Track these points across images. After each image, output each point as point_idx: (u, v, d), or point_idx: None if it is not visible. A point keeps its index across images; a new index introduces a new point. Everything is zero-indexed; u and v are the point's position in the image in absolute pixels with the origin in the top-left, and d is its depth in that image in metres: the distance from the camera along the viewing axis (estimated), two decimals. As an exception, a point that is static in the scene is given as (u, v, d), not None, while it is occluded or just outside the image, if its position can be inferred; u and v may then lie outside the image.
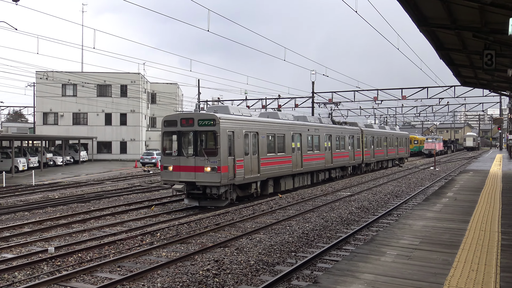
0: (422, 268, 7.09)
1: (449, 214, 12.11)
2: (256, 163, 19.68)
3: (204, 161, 17.36)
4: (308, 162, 25.00)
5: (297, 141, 23.93)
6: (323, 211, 17.09)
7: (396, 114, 68.73)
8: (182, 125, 18.13)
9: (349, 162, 32.13)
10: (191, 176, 17.65)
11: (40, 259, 10.32)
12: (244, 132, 18.88)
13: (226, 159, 17.47)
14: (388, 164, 43.14)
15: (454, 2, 9.92)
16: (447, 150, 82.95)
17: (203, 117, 17.74)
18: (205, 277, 8.98)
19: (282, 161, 21.99)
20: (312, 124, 26.68)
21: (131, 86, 55.91)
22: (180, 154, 18.03)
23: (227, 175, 17.43)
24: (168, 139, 18.86)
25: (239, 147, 18.30)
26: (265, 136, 20.59)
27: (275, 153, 21.44)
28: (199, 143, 17.79)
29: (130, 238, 12.58)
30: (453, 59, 17.38)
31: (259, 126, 20.24)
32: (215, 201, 18.10)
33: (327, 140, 28.25)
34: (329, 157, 28.33)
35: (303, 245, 11.78)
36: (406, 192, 23.24)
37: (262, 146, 20.22)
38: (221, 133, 17.33)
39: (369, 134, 36.81)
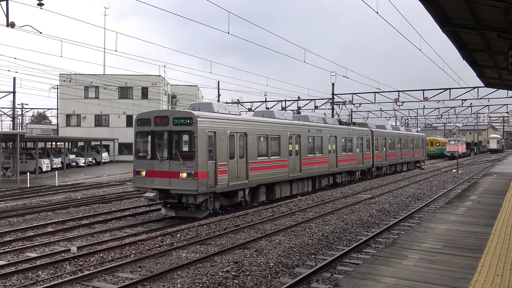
0: (445, 273, 6.96)
1: (473, 218, 11.89)
2: (243, 168, 17.51)
3: (179, 165, 15.25)
4: (308, 167, 22.70)
5: (295, 143, 21.67)
6: (343, 213, 16.95)
7: (418, 116, 67.79)
8: (156, 124, 16.01)
9: (357, 166, 29.69)
10: (165, 182, 15.52)
11: (62, 259, 10.48)
12: (229, 132, 16.70)
13: (206, 163, 15.37)
14: (403, 167, 40.67)
15: (478, 2, 9.74)
16: (470, 152, 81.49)
17: (178, 115, 15.62)
18: (225, 279, 8.99)
19: (276, 165, 19.83)
20: (314, 124, 24.32)
21: (152, 88, 56.51)
22: (153, 158, 15.90)
23: (206, 181, 15.29)
24: (142, 140, 16.79)
25: (222, 150, 16.19)
26: (255, 137, 18.42)
27: (268, 156, 19.29)
28: (174, 145, 15.62)
29: (150, 239, 12.69)
30: (476, 60, 17.07)
31: (247, 126, 18.03)
32: (194, 211, 15.96)
33: (332, 142, 25.94)
34: (334, 161, 25.96)
35: (323, 248, 11.70)
36: (428, 195, 22.90)
37: (252, 148, 18.06)
38: (199, 133, 15.20)
39: (380, 135, 34.32)
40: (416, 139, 43.69)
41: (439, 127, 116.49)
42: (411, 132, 44.34)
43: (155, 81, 56.61)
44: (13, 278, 9.20)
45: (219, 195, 16.63)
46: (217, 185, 15.92)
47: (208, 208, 15.98)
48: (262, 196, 19.27)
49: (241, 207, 18.36)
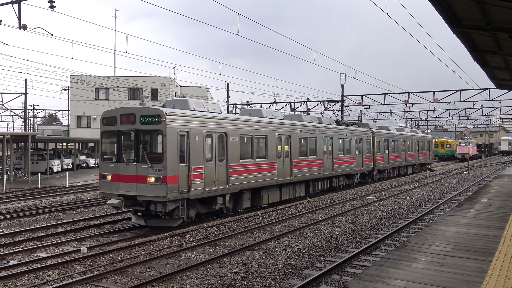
0: (455, 276, 6.91)
1: (484, 221, 11.78)
2: (223, 172, 15.99)
3: (147, 169, 13.79)
4: (299, 170, 21.08)
5: (284, 144, 20.12)
6: (352, 215, 16.89)
7: (428, 118, 67.34)
8: (122, 123, 14.52)
9: (356, 169, 27.77)
10: (131, 188, 14.03)
11: (73, 259, 10.57)
12: (206, 132, 15.21)
13: (176, 166, 13.87)
14: (408, 170, 38.78)
15: (489, 2, 9.67)
16: (481, 154, 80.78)
17: (145, 113, 14.12)
18: (234, 280, 9.00)
19: (263, 168, 18.27)
20: (306, 124, 22.55)
21: (162, 90, 56.80)
22: (119, 160, 14.44)
23: (176, 187, 13.80)
24: (108, 141, 15.35)
25: (197, 152, 14.69)
26: (238, 138, 16.86)
27: (252, 159, 17.76)
28: (142, 146, 14.18)
29: (159, 240, 12.74)
30: (487, 61, 16.93)
31: (228, 125, 16.48)
32: (165, 220, 14.54)
33: (327, 143, 24.22)
34: (329, 163, 24.21)
35: (332, 250, 11.67)
36: (438, 197, 22.73)
37: (233, 150, 16.54)
38: (169, 133, 13.74)
39: (382, 136, 32.37)
40: (422, 140, 42.02)
41: (449, 128, 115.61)
42: (416, 133, 42.79)
43: (164, 82, 56.89)
44: (24, 278, 9.29)
45: (195, 201, 15.16)
46: (191, 190, 14.36)
47: (180, 216, 14.42)
48: (246, 202, 17.71)
49: (222, 214, 16.93)
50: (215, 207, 16.03)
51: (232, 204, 17.10)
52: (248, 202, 17.84)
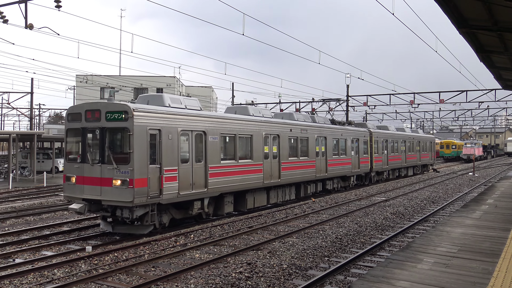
0: (460, 277, 6.88)
1: (489, 222, 11.72)
2: (201, 174, 14.77)
3: (112, 171, 12.64)
4: (289, 172, 19.79)
5: (272, 145, 18.82)
6: (357, 216, 16.85)
7: (433, 118, 67.11)
8: (87, 120, 13.36)
9: (352, 171, 26.41)
10: (96, 191, 12.89)
11: (78, 258, 10.61)
12: (181, 131, 14.03)
13: (145, 168, 12.73)
14: (408, 172, 37.55)
15: (495, 3, 9.62)
16: (487, 155, 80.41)
17: (111, 109, 12.94)
18: (238, 280, 9.01)
19: (247, 170, 17.07)
20: (297, 123, 21.22)
21: (167, 89, 56.89)
22: (84, 161, 13.30)
23: (145, 190, 12.64)
24: (73, 140, 14.09)
25: (170, 152, 13.55)
26: (218, 137, 15.62)
27: (235, 160, 16.55)
28: (107, 145, 13.01)
29: (164, 239, 12.76)
30: (494, 62, 16.84)
31: (207, 124, 15.20)
32: (134, 226, 13.41)
33: (320, 143, 22.85)
34: (322, 165, 22.87)
35: (336, 250, 11.65)
36: (444, 198, 22.64)
37: (213, 150, 15.32)
38: (137, 131, 12.56)
39: (381, 136, 31.02)
40: (423, 141, 40.80)
41: (455, 129, 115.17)
42: (418, 134, 41.62)
43: (170, 82, 57.01)
44: (29, 276, 9.33)
45: (169, 206, 14.02)
46: (163, 195, 13.20)
47: (151, 223, 13.22)
48: (228, 206, 16.51)
49: (202, 219, 15.78)
50: (191, 212, 14.74)
51: (213, 209, 15.94)
52: (230, 207, 16.65)
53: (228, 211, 16.64)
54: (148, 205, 12.94)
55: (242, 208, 17.43)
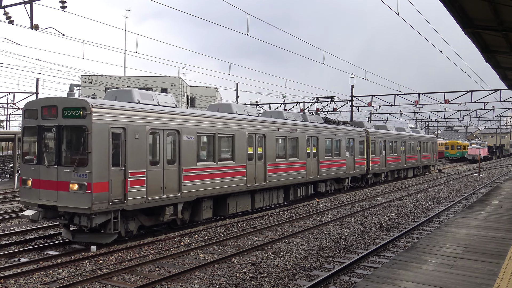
0: (465, 278, 6.86)
1: (495, 223, 11.67)
2: (174, 177, 13.61)
3: (69, 173, 11.50)
4: (276, 174, 18.60)
5: (257, 145, 17.60)
6: (362, 216, 16.82)
7: (438, 119, 66.89)
8: (44, 117, 12.19)
9: (346, 173, 25.15)
10: (52, 196, 11.74)
11: (83, 257, 10.64)
12: (150, 129, 12.88)
13: (106, 171, 11.57)
14: (408, 173, 36.29)
15: (501, 3, 9.58)
16: (492, 156, 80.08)
17: (68, 104, 11.75)
18: (242, 280, 9.01)
19: (228, 172, 15.92)
20: (285, 122, 20.00)
21: (171, 90, 57.02)
22: (40, 162, 12.13)
23: (106, 196, 11.49)
24: (29, 139, 12.96)
25: (137, 153, 12.40)
26: (194, 136, 14.45)
27: (214, 161, 15.37)
28: (65, 145, 11.93)
29: (168, 239, 12.78)
30: (499, 62, 16.78)
31: (182, 122, 14.07)
32: (96, 235, 12.21)
33: (311, 143, 21.66)
34: (314, 167, 21.66)
35: (340, 251, 11.63)
36: (448, 199, 22.56)
37: (188, 151, 14.14)
38: (96, 129, 11.38)
39: (378, 136, 29.73)
40: (424, 141, 39.51)
41: (460, 130, 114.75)
42: (419, 134, 40.44)
43: (174, 82, 57.13)
44: (34, 276, 9.37)
45: (137, 212, 12.89)
46: (127, 200, 12.03)
47: (113, 232, 12.02)
48: (206, 212, 15.37)
49: (176, 226, 14.61)
50: (163, 219, 13.59)
51: (189, 214, 14.86)
52: (209, 212, 15.52)
53: (207, 217, 15.52)
54: (110, 211, 11.75)
55: (223, 213, 16.28)
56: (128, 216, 12.66)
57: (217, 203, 16.03)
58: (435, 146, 42.93)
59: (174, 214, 13.89)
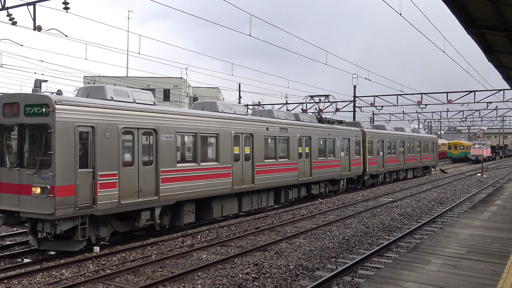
0: (469, 278, 6.84)
1: (498, 223, 11.64)
2: (150, 179, 12.78)
3: (31, 176, 10.68)
4: (265, 176, 17.76)
5: (244, 145, 16.78)
6: (364, 217, 16.80)
7: (441, 119, 66.78)
8: (5, 115, 11.36)
9: (341, 174, 24.27)
10: (14, 201, 10.93)
11: (86, 258, 10.66)
12: (123, 128, 12.05)
13: (73, 173, 10.75)
14: (407, 174, 35.40)
15: (504, 2, 9.56)
16: (495, 156, 79.89)
17: (30, 101, 10.91)
18: (245, 280, 9.01)
19: (211, 174, 15.06)
20: (276, 121, 19.10)
21: (174, 90, 57.12)
22: (1, 164, 11.36)
23: (72, 200, 10.67)
24: None
25: (107, 154, 11.60)
26: (174, 136, 13.63)
27: (196, 162, 14.52)
28: (27, 145, 11.16)
29: (171, 240, 12.80)
30: (502, 62, 16.74)
31: (159, 121, 13.25)
32: (63, 242, 11.39)
33: (304, 143, 20.79)
34: (306, 168, 20.83)
35: (343, 251, 11.62)
36: (451, 199, 22.52)
37: (166, 151, 13.36)
38: (60, 128, 10.54)
39: (375, 137, 28.79)
40: (424, 141, 38.59)
41: (463, 130, 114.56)
42: (419, 134, 39.54)
43: (177, 83, 57.21)
44: (37, 276, 9.39)
45: (109, 218, 12.10)
46: (97, 204, 11.24)
47: (81, 239, 11.19)
48: (188, 216, 14.50)
49: (155, 232, 13.81)
50: (138, 225, 12.72)
51: (169, 219, 14.08)
52: (191, 216, 14.63)
53: (188, 222, 14.64)
54: (76, 217, 10.92)
55: (207, 217, 15.52)
56: (99, 222, 11.86)
57: (201, 206, 15.28)
58: (435, 146, 42.16)
59: (152, 219, 13.08)
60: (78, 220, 10.99)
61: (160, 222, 13.49)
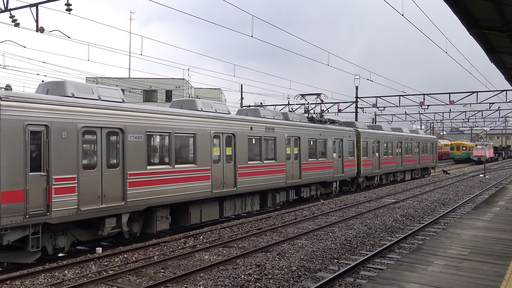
0: (471, 280, 6.83)
1: (501, 224, 11.62)
2: (116, 183, 11.81)
3: None
4: (248, 178, 16.69)
5: (225, 146, 15.77)
6: (367, 218, 16.78)
7: (444, 120, 66.69)
8: None
9: (334, 176, 23.23)
10: None
11: (88, 259, 10.68)
12: (82, 127, 11.13)
13: (22, 177, 9.87)
14: (405, 176, 34.39)
15: (506, 3, 9.54)
16: (498, 157, 79.75)
17: None
18: (247, 282, 9.01)
19: (188, 177, 14.07)
20: (261, 120, 18.01)
21: (176, 92, 57.18)
22: None
23: (21, 207, 9.80)
24: None
25: (64, 155, 10.67)
26: (144, 136, 12.65)
27: (170, 164, 13.53)
28: None
29: (173, 241, 12.81)
30: (505, 63, 16.72)
31: (127, 119, 12.26)
32: (15, 254, 10.43)
33: (292, 144, 19.78)
34: (295, 170, 19.80)
35: (345, 252, 11.61)
36: (454, 200, 22.47)
37: (135, 153, 12.35)
38: (5, 127, 9.68)
39: (370, 137, 27.78)
40: (423, 142, 37.50)
41: (465, 131, 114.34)
42: (417, 134, 38.31)
43: (179, 84, 57.29)
44: (40, 277, 9.41)
45: (69, 226, 11.23)
46: (52, 212, 10.32)
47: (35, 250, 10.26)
48: (162, 223, 13.48)
49: (124, 240, 12.78)
50: (102, 233, 11.69)
51: (140, 226, 13.10)
52: (165, 223, 13.62)
53: (162, 229, 13.64)
54: (27, 226, 10.00)
55: (184, 223, 14.53)
56: (57, 231, 10.95)
57: (177, 212, 14.41)
58: (435, 147, 41.06)
59: (118, 226, 12.11)
60: (29, 229, 10.07)
61: (129, 229, 12.64)
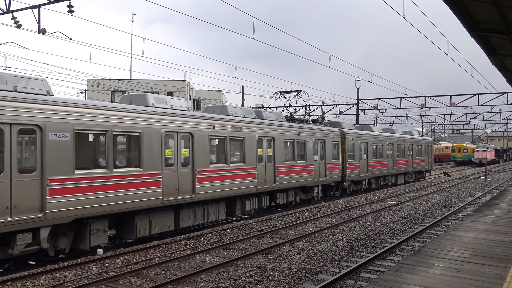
0: (472, 282, 6.82)
1: (502, 226, 11.61)
2: (32, 190, 9.92)
3: None
4: (210, 184, 14.73)
5: (180, 147, 13.82)
6: (368, 220, 16.77)
7: (445, 122, 66.65)
8: None
9: (315, 180, 21.28)
10: None
11: (89, 260, 10.68)
12: None
13: None
14: (397, 180, 32.46)
15: (508, 6, 9.55)
16: (499, 159, 79.64)
17: None
18: (248, 283, 9.01)
19: (131, 183, 12.10)
20: (227, 118, 16.07)
21: (177, 93, 57.22)
22: None
23: None
24: None
25: None
26: (71, 135, 10.68)
27: (108, 168, 11.54)
28: None
29: (174, 242, 12.81)
30: (506, 65, 16.72)
31: (47, 115, 10.34)
32: None
33: (265, 145, 17.80)
34: (268, 173, 17.89)
35: (346, 254, 11.60)
36: (455, 202, 22.45)
37: (57, 155, 10.38)
38: None
39: (358, 138, 25.84)
40: (418, 143, 35.68)
41: (467, 133, 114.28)
42: (411, 135, 36.25)
43: (180, 86, 57.34)
44: (41, 278, 9.42)
45: None
46: None
47: None
48: (98, 237, 11.56)
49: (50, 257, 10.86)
50: (13, 252, 9.77)
51: (69, 241, 11.18)
52: (103, 237, 11.70)
53: (98, 243, 11.64)
54: None
55: (130, 236, 12.67)
56: None
57: (121, 223, 12.72)
58: (430, 149, 39.18)
59: (36, 243, 10.17)
60: None
61: (55, 245, 10.79)
